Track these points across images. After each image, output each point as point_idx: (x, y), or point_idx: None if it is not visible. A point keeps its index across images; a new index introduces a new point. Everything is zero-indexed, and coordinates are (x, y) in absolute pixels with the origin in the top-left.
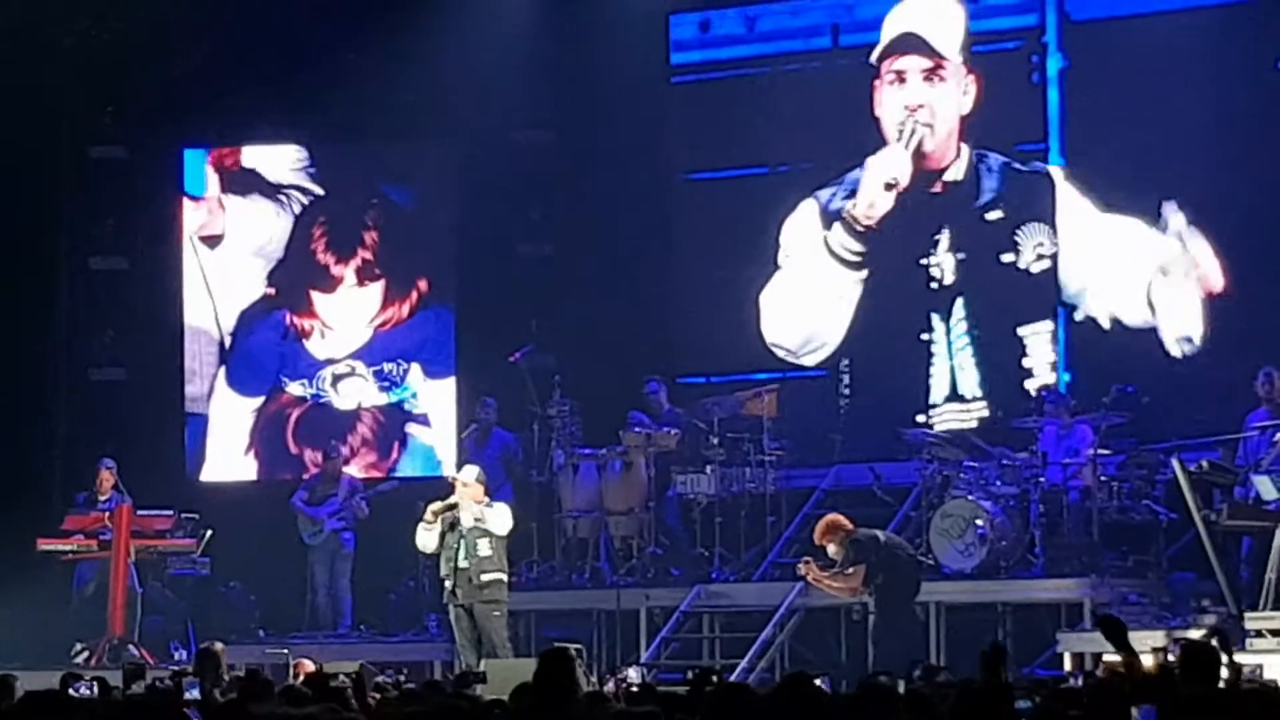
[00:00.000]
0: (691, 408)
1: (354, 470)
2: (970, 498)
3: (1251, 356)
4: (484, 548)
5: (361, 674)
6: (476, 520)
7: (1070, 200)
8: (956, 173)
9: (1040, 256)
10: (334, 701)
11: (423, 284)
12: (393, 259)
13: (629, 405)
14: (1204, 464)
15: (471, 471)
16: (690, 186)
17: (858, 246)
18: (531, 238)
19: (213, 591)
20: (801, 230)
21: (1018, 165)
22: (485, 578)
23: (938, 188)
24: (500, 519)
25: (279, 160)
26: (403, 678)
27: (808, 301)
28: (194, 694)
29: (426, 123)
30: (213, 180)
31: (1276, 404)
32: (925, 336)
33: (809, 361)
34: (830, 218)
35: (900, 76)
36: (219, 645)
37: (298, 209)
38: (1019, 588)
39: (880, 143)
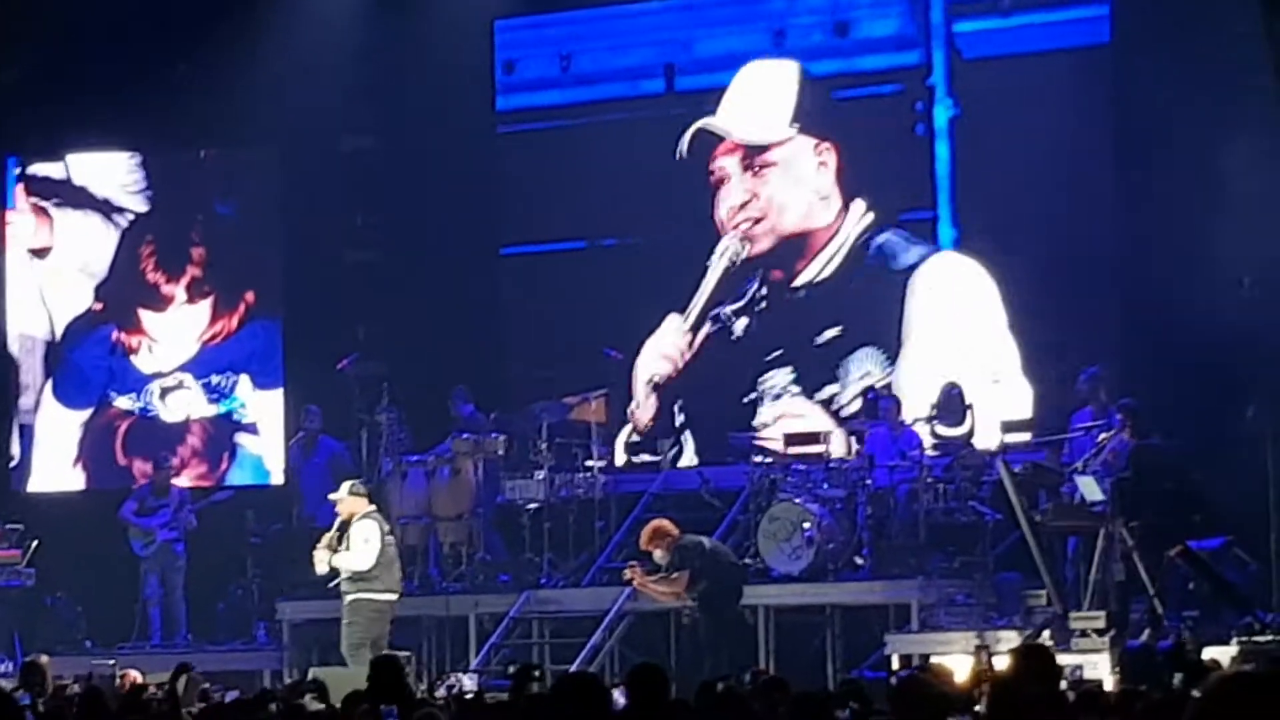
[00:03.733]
0: (523, 412)
1: (184, 480)
2: (797, 501)
3: (1072, 358)
4: (339, 561)
5: (175, 685)
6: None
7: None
8: (820, 266)
9: (860, 393)
10: (144, 713)
11: (250, 296)
12: (220, 273)
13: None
14: (1028, 465)
15: (344, 487)
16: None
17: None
18: (357, 244)
19: (38, 603)
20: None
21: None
22: (349, 596)
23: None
24: (359, 558)
25: (104, 171)
26: (207, 686)
27: None
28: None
29: (250, 130)
30: (27, 192)
31: (1101, 404)
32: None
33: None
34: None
35: (717, 175)
36: (44, 658)
37: (124, 224)
38: (847, 590)
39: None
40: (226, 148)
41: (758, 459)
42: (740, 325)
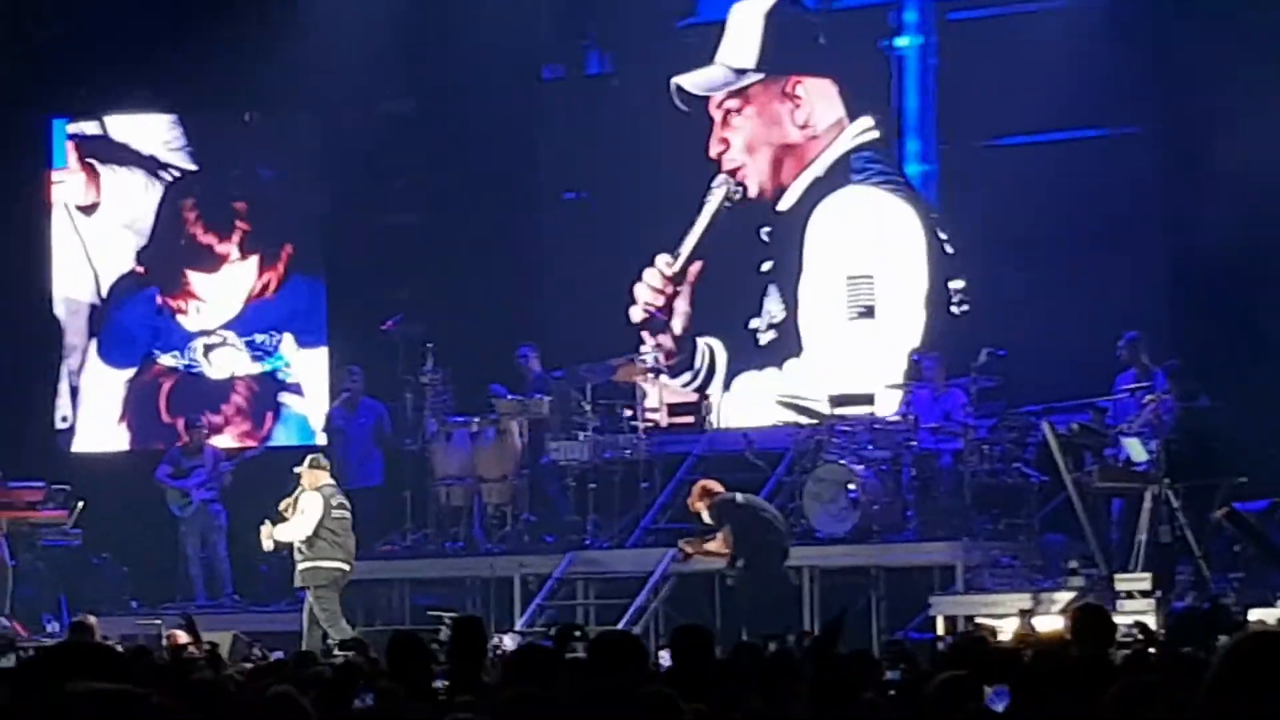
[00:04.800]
0: (569, 372)
1: (228, 439)
2: (842, 462)
3: (1112, 321)
4: (279, 533)
5: (216, 646)
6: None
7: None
8: (790, 199)
9: (770, 325)
10: (188, 674)
11: (289, 249)
12: (262, 230)
13: (502, 372)
14: (1074, 426)
15: (307, 459)
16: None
17: (678, 381)
18: (398, 207)
19: (84, 563)
20: None
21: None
22: (300, 566)
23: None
24: (294, 529)
25: (146, 132)
26: (257, 651)
27: None
28: None
29: (291, 94)
30: (78, 150)
31: (1143, 367)
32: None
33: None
34: None
35: (708, 124)
36: (91, 618)
37: (164, 184)
38: (892, 551)
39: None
40: (269, 111)
41: (803, 420)
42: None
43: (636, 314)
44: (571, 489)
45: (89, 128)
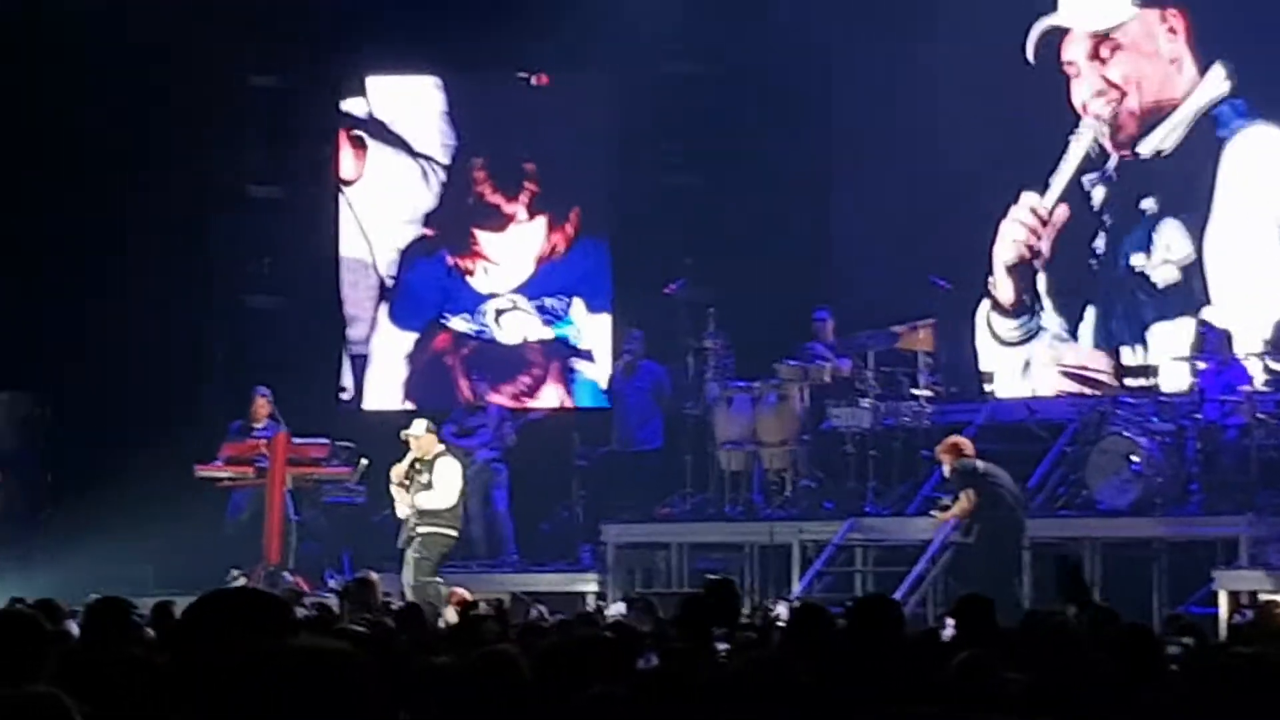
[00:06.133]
0: (848, 339)
1: (549, 399)
2: (1126, 434)
3: None
4: (423, 501)
5: (503, 603)
6: (414, 477)
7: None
8: (1153, 144)
9: (1165, 261)
10: (479, 630)
11: (576, 212)
12: (551, 191)
13: (783, 338)
14: None
15: (420, 425)
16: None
17: (1013, 324)
18: (684, 170)
19: (367, 520)
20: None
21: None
22: (420, 530)
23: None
24: (442, 497)
25: (429, 96)
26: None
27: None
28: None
29: (580, 56)
30: (356, 118)
31: None
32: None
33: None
34: None
35: (1071, 67)
36: (374, 575)
37: (450, 147)
38: (1175, 524)
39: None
40: (558, 72)
41: (1087, 391)
42: (1098, 195)
43: (1007, 254)
44: (852, 456)
45: (356, 106)
